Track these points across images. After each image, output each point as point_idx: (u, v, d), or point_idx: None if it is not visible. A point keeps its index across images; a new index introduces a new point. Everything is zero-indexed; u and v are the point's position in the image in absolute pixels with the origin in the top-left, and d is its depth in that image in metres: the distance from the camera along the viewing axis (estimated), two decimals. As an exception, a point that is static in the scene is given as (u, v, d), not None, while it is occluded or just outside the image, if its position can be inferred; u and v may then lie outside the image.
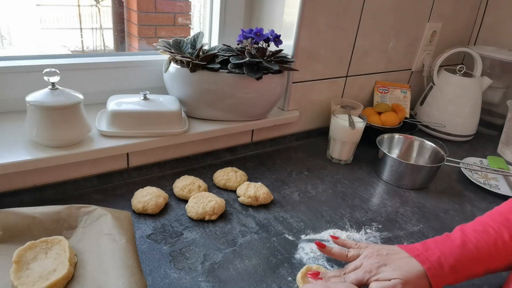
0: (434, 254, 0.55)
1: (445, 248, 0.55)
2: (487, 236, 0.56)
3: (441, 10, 1.26)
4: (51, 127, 0.69)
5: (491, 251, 0.55)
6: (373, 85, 1.22)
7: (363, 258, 0.58)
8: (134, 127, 0.78)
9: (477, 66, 1.20)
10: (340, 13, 0.99)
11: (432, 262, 0.54)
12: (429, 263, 0.54)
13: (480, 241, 0.55)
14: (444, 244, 0.56)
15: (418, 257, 0.55)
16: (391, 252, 0.58)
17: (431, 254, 0.55)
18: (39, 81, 0.70)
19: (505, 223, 0.57)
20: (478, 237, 0.56)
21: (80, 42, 1.02)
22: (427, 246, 0.56)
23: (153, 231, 0.68)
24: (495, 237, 0.56)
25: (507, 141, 1.13)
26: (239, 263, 0.63)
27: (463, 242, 0.56)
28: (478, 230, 0.57)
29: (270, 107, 0.94)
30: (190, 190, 0.77)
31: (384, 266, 0.55)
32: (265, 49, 0.86)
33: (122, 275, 0.49)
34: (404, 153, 1.01)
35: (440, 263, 0.54)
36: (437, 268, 0.53)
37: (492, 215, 0.59)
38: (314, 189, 0.87)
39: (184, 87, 0.86)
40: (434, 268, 0.53)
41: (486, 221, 0.58)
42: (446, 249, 0.55)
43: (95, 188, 0.78)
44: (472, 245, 0.55)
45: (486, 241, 0.55)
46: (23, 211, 0.58)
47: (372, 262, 0.56)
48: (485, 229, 0.57)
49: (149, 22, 1.02)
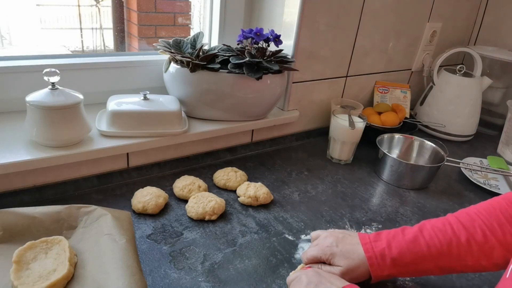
0: (380, 245, 0.57)
1: (393, 241, 0.57)
2: (443, 235, 0.56)
3: (441, 10, 1.26)
4: (51, 127, 0.69)
5: (443, 251, 0.55)
6: (373, 85, 1.22)
7: (322, 239, 0.62)
8: (134, 127, 0.78)
9: (477, 66, 1.20)
10: (340, 13, 0.99)
11: (375, 252, 0.57)
12: (372, 252, 0.57)
13: (433, 239, 0.56)
14: (395, 237, 0.58)
15: (364, 246, 0.58)
16: (346, 236, 0.61)
17: (378, 244, 0.57)
18: (39, 81, 0.70)
19: (467, 224, 0.56)
20: (433, 234, 0.57)
21: (80, 42, 1.02)
22: (379, 237, 0.59)
23: (153, 231, 0.68)
24: (451, 237, 0.56)
25: (507, 141, 1.13)
26: (239, 263, 0.63)
27: (414, 238, 0.57)
28: (436, 227, 0.57)
29: (270, 107, 0.94)
30: (190, 190, 0.77)
31: (336, 247, 0.59)
32: (265, 49, 0.86)
33: (122, 275, 0.49)
34: (404, 153, 1.01)
35: (382, 254, 0.56)
36: (378, 258, 0.56)
37: (460, 214, 0.59)
38: (314, 189, 0.87)
39: (184, 87, 0.86)
40: (375, 257, 0.56)
41: (450, 220, 0.58)
42: (394, 242, 0.57)
43: (95, 188, 0.78)
44: (423, 242, 0.56)
45: (439, 240, 0.56)
46: (23, 211, 0.58)
47: (327, 242, 0.60)
48: (444, 228, 0.57)
49: (149, 22, 1.02)
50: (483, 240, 0.54)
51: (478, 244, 0.54)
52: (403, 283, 0.63)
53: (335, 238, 0.60)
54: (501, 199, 0.58)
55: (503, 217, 0.55)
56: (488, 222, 0.55)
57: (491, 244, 0.54)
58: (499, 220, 0.55)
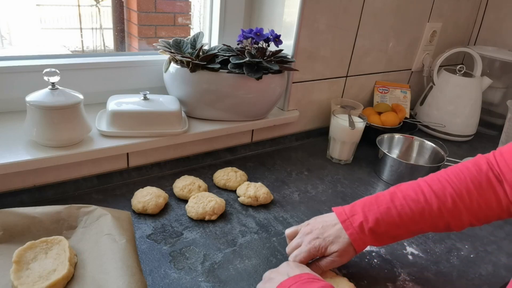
0: (357, 219, 0.59)
1: (369, 212, 0.59)
2: (415, 204, 0.58)
3: (441, 10, 1.26)
4: (51, 127, 0.69)
5: (415, 219, 0.57)
6: (373, 85, 1.22)
7: (302, 236, 0.62)
8: (134, 127, 0.78)
9: (477, 66, 1.20)
10: (340, 13, 0.99)
11: (354, 227, 0.59)
12: (352, 228, 0.59)
13: (404, 208, 0.58)
14: (370, 208, 0.59)
15: (343, 223, 0.59)
16: (324, 224, 0.61)
17: (355, 219, 0.59)
18: (39, 81, 0.70)
19: (439, 193, 0.57)
20: (404, 204, 0.58)
21: (80, 42, 1.02)
22: (354, 210, 0.60)
23: (153, 231, 0.68)
24: (423, 206, 0.57)
25: (507, 141, 1.13)
26: (239, 263, 0.63)
27: (387, 209, 0.58)
28: (408, 197, 0.58)
29: (270, 107, 0.94)
30: (190, 190, 0.77)
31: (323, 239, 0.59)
32: (265, 49, 0.86)
33: (122, 275, 0.49)
34: (404, 153, 1.01)
35: (361, 228, 0.58)
36: (359, 233, 0.58)
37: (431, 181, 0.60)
38: (314, 189, 0.87)
39: (184, 87, 0.86)
40: (356, 233, 0.58)
41: (422, 188, 0.59)
42: (369, 213, 0.59)
43: (95, 188, 0.78)
44: (395, 211, 0.58)
45: (411, 209, 0.58)
46: (23, 211, 0.59)
47: (311, 237, 0.60)
48: (417, 197, 0.58)
49: (149, 22, 1.02)
50: (452, 207, 0.57)
51: (448, 211, 0.57)
52: (403, 283, 0.63)
53: (317, 232, 0.60)
54: (472, 165, 0.59)
55: (472, 185, 0.57)
56: (457, 190, 0.57)
57: (459, 210, 0.57)
58: (468, 188, 0.57)
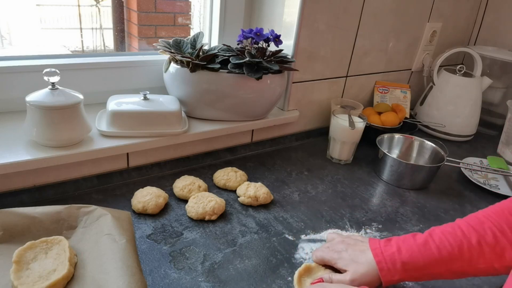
0: (390, 249, 0.57)
1: (403, 245, 0.57)
2: (453, 238, 0.55)
3: (441, 10, 1.26)
4: (51, 127, 0.69)
5: (454, 254, 0.54)
6: (373, 85, 1.22)
7: (335, 243, 0.63)
8: (134, 127, 0.78)
9: (477, 66, 1.20)
10: (340, 13, 0.99)
11: (385, 256, 0.56)
12: (381, 256, 0.56)
13: (443, 242, 0.55)
14: (406, 242, 0.57)
15: (374, 251, 0.57)
16: (358, 242, 0.61)
17: (387, 249, 0.57)
18: (39, 81, 0.70)
19: (477, 227, 0.55)
20: (443, 238, 0.56)
21: (80, 42, 1.02)
22: (388, 242, 0.58)
23: (153, 231, 0.68)
24: (461, 239, 0.55)
25: (507, 141, 1.13)
26: (239, 263, 0.63)
27: (425, 242, 0.56)
28: (446, 231, 0.57)
29: (270, 107, 0.94)
30: (190, 190, 0.77)
31: (345, 252, 0.59)
32: (265, 49, 0.86)
33: (122, 275, 0.49)
34: (404, 153, 1.01)
35: (393, 259, 0.55)
36: (388, 263, 0.55)
37: (469, 218, 0.58)
38: (314, 189, 0.87)
39: (184, 87, 0.86)
40: (385, 262, 0.56)
41: (460, 224, 0.58)
42: (404, 246, 0.56)
43: (95, 188, 0.78)
44: (433, 245, 0.56)
45: (450, 243, 0.55)
46: (23, 211, 0.58)
47: (338, 248, 0.61)
48: (454, 231, 0.56)
49: (149, 22, 1.02)
50: (493, 241, 0.53)
51: (489, 246, 0.54)
52: (403, 284, 0.63)
53: (346, 245, 0.61)
54: (509, 201, 0.58)
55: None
56: (497, 224, 0.55)
57: (502, 245, 0.53)
58: (509, 222, 0.54)
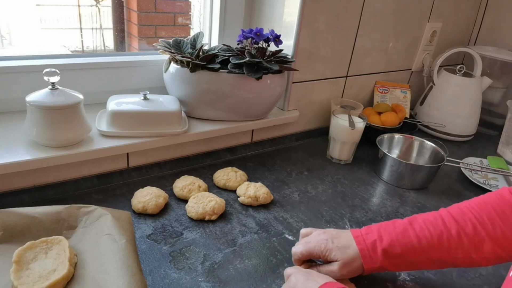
0: (371, 237, 0.58)
1: (384, 232, 0.58)
2: (434, 228, 0.56)
3: (441, 10, 1.26)
4: (51, 127, 0.69)
5: (433, 243, 0.56)
6: (373, 85, 1.22)
7: (314, 235, 0.62)
8: (134, 127, 0.78)
9: (477, 66, 1.20)
10: (340, 13, 0.99)
11: (367, 244, 0.57)
12: (364, 244, 0.57)
13: (423, 231, 0.56)
14: (386, 229, 0.58)
15: (356, 239, 0.58)
16: (340, 233, 0.61)
17: (369, 237, 0.58)
18: (39, 81, 0.70)
19: (458, 218, 0.56)
20: (423, 227, 0.57)
21: (80, 42, 1.02)
22: (370, 230, 0.59)
23: (153, 231, 0.68)
24: (441, 230, 0.56)
25: (507, 141, 1.13)
26: (239, 263, 0.63)
27: (404, 230, 0.57)
28: (427, 220, 0.58)
29: (270, 107, 0.94)
30: (190, 190, 0.77)
31: (332, 243, 0.59)
32: (265, 49, 0.86)
33: (122, 275, 0.49)
34: (404, 153, 1.01)
35: (374, 246, 0.57)
36: (370, 250, 0.57)
37: (452, 208, 0.59)
38: (314, 189, 0.87)
39: (184, 87, 0.86)
40: (367, 249, 0.57)
41: (442, 213, 0.58)
42: (385, 233, 0.58)
43: (95, 188, 0.78)
44: (413, 233, 0.56)
45: (430, 232, 0.56)
46: (23, 211, 0.59)
47: (322, 238, 0.60)
48: (435, 221, 0.57)
49: (149, 22, 1.02)
50: (473, 233, 0.55)
51: (468, 237, 0.55)
52: (403, 283, 0.63)
53: (329, 235, 0.61)
54: (494, 194, 0.58)
55: (494, 212, 0.55)
56: (479, 216, 0.56)
57: (481, 238, 0.54)
58: (490, 215, 0.55)
